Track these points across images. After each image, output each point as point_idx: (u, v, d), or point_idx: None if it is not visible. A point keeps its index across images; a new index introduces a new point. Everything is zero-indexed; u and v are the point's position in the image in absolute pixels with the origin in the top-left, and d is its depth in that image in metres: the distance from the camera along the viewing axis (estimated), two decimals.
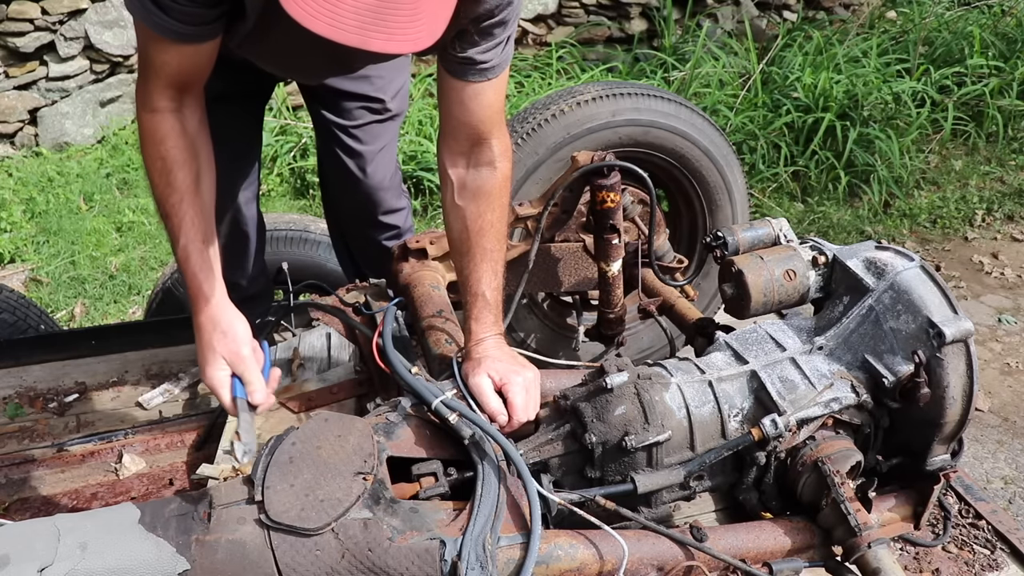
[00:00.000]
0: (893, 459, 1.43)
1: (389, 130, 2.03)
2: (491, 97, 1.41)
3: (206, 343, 1.32)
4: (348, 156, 1.98)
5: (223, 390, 1.30)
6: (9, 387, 2.03)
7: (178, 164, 1.33)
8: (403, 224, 2.20)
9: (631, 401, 1.30)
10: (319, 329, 1.88)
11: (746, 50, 5.30)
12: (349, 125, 1.95)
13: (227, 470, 1.57)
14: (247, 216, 2.01)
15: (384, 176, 2.06)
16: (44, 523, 1.09)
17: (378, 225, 2.14)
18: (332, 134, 1.97)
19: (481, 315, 1.46)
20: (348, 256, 2.27)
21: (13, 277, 3.91)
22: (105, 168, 4.74)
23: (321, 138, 2.04)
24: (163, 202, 1.35)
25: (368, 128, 1.97)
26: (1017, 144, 5.34)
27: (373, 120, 1.97)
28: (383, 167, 2.04)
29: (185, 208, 1.34)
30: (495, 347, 1.43)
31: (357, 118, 1.95)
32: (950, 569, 1.55)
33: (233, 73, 1.61)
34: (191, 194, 1.35)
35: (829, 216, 4.64)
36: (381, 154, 2.02)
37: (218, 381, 1.31)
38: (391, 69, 1.96)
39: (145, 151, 1.35)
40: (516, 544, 1.15)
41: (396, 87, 1.99)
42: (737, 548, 1.29)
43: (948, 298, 1.33)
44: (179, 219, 1.33)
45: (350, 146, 1.97)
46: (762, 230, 1.57)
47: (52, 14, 4.63)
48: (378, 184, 2.05)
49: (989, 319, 3.96)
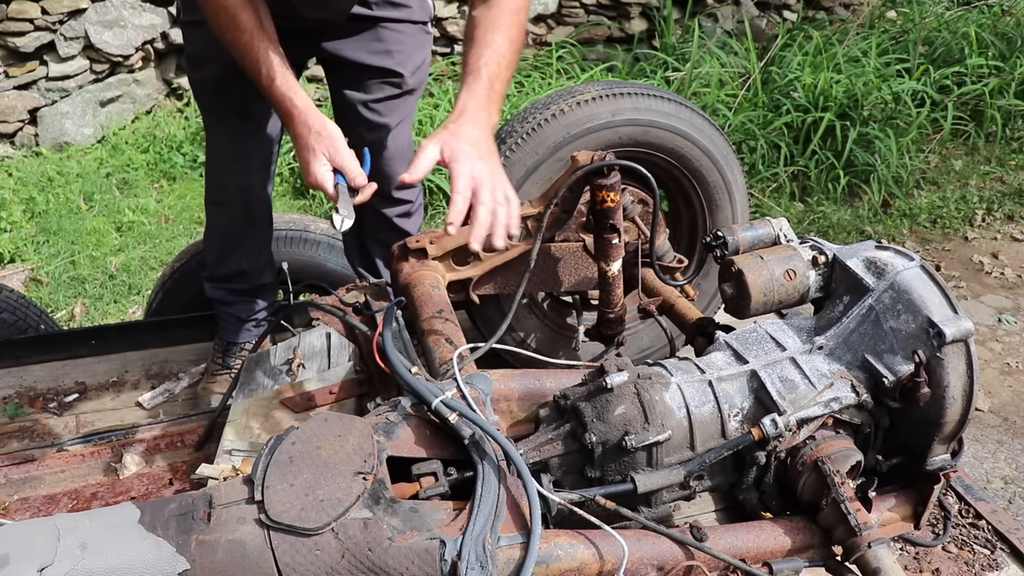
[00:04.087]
0: (893, 459, 1.43)
1: (407, 104, 2.06)
2: None
3: (305, 146, 1.47)
4: (367, 130, 2.01)
5: (328, 183, 1.45)
6: (9, 387, 2.03)
7: (239, 7, 1.48)
8: (415, 200, 2.22)
9: (631, 401, 1.30)
10: (319, 329, 1.88)
11: (746, 50, 5.30)
12: (369, 99, 1.99)
13: (227, 470, 1.57)
14: (258, 199, 2.03)
15: (400, 148, 2.09)
16: (44, 523, 1.09)
17: (391, 200, 2.15)
18: (353, 111, 2.01)
19: (472, 87, 1.44)
20: (356, 239, 2.28)
21: (13, 277, 3.91)
22: (105, 168, 4.74)
23: (342, 119, 2.07)
24: (235, 45, 1.51)
25: (387, 103, 2.01)
26: (1017, 144, 5.34)
27: (391, 95, 2.01)
28: (399, 140, 2.08)
29: (256, 42, 1.49)
30: (470, 124, 1.41)
31: (376, 92, 1.99)
32: (950, 569, 1.55)
33: None
34: (259, 30, 1.50)
35: (829, 216, 4.64)
36: (398, 128, 2.06)
37: (322, 176, 1.45)
38: (411, 43, 1.99)
39: (207, 6, 1.50)
40: (516, 544, 1.15)
41: (416, 63, 2.02)
42: (737, 548, 1.29)
43: (948, 298, 1.33)
44: (255, 53, 1.49)
45: (369, 119, 2.01)
46: (762, 230, 1.57)
47: (52, 14, 4.63)
48: (393, 155, 2.08)
49: (989, 319, 3.96)
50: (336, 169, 1.47)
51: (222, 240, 2.09)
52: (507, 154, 1.93)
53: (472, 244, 1.36)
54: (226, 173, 2.01)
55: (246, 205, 2.02)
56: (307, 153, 1.46)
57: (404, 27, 1.96)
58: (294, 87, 1.50)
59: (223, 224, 2.07)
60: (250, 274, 2.10)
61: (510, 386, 1.41)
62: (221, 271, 2.10)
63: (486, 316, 1.97)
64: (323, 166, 1.46)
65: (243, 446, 1.62)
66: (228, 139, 1.97)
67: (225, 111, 1.91)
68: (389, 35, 1.94)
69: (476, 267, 1.81)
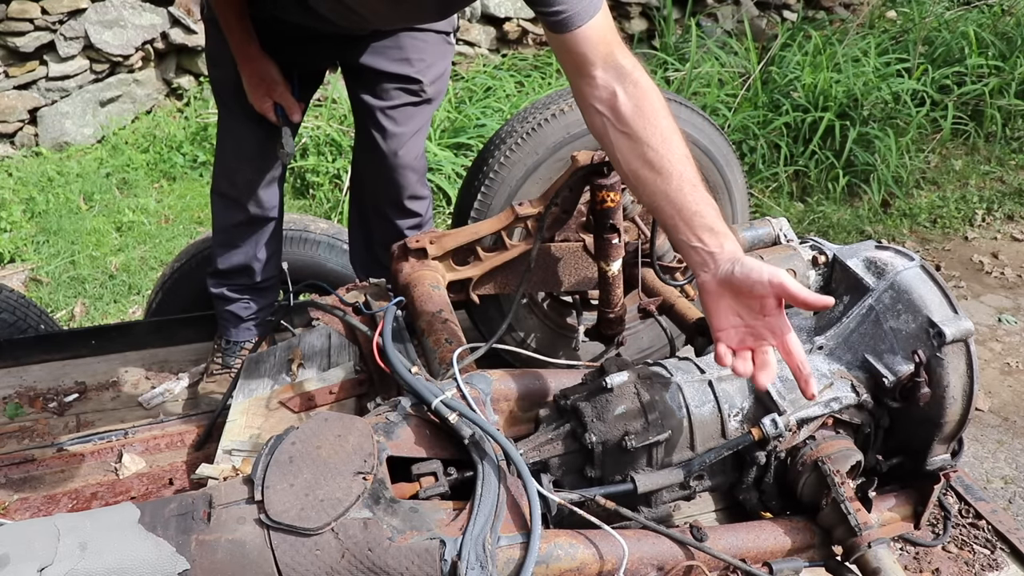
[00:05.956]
0: (893, 459, 1.43)
1: (423, 113, 2.07)
2: (592, 37, 1.35)
3: (252, 85, 1.87)
4: (382, 137, 2.03)
5: (271, 112, 1.89)
6: (9, 387, 2.03)
7: None
8: (424, 214, 2.23)
9: (631, 401, 1.30)
10: (319, 329, 1.88)
11: (746, 50, 5.30)
12: (386, 106, 2.01)
13: (227, 470, 1.57)
14: (265, 200, 2.04)
15: (413, 158, 2.10)
16: (44, 523, 1.09)
17: (402, 210, 2.16)
18: (370, 116, 2.03)
19: (700, 231, 1.23)
20: (364, 246, 2.28)
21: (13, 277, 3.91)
22: (105, 168, 4.74)
23: (359, 124, 2.10)
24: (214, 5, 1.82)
25: (403, 109, 2.02)
26: (1017, 144, 5.34)
27: (409, 102, 2.02)
28: (413, 150, 2.08)
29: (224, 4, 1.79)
30: (735, 245, 1.24)
31: (394, 99, 2.01)
32: (950, 569, 1.55)
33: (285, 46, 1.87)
34: None
35: (829, 216, 4.64)
36: (413, 137, 2.07)
37: (266, 107, 1.89)
38: (433, 52, 2.00)
39: None
40: (516, 544, 1.15)
41: (436, 72, 2.03)
42: (737, 548, 1.29)
43: (948, 298, 1.33)
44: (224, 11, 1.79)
45: (384, 126, 2.02)
46: (762, 230, 1.57)
47: (52, 14, 4.63)
48: (407, 164, 2.09)
49: (989, 319, 3.96)
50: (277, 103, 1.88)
51: (226, 235, 2.09)
52: (507, 154, 1.93)
53: None
54: (236, 168, 2.02)
55: (253, 201, 2.03)
56: (253, 90, 1.87)
57: (426, 36, 1.97)
58: (247, 38, 1.81)
59: (228, 217, 2.07)
60: (253, 271, 2.10)
61: (510, 386, 1.41)
62: (224, 266, 2.10)
63: (486, 316, 1.97)
64: (265, 101, 1.88)
65: (243, 446, 1.62)
66: (241, 134, 1.98)
67: (241, 108, 1.93)
68: (410, 43, 1.95)
69: (476, 267, 1.81)
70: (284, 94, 1.89)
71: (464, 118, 4.78)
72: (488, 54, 5.80)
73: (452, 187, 4.30)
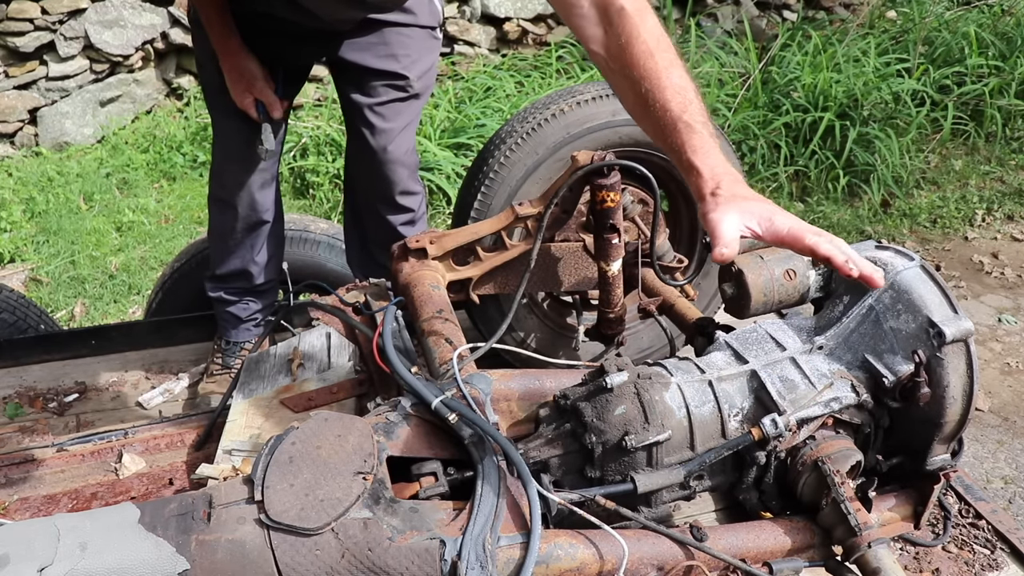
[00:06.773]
0: (893, 459, 1.43)
1: (411, 109, 2.08)
2: None
3: (233, 81, 1.87)
4: (371, 133, 2.04)
5: (251, 109, 1.90)
6: (9, 387, 2.03)
7: None
8: (418, 209, 2.23)
9: (631, 401, 1.30)
10: (319, 329, 1.88)
11: (746, 50, 5.30)
12: (373, 103, 2.02)
13: (227, 470, 1.57)
14: (259, 202, 2.04)
15: (403, 154, 2.10)
16: (44, 523, 1.09)
17: (395, 206, 2.17)
18: (358, 113, 2.03)
19: (697, 145, 1.20)
20: (359, 245, 2.28)
21: (13, 277, 3.91)
22: (105, 168, 4.74)
23: (348, 121, 2.11)
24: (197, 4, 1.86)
25: (391, 106, 2.03)
26: (1017, 144, 5.34)
27: (396, 98, 2.03)
28: (402, 145, 2.09)
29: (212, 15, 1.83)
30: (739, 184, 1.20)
31: (381, 95, 2.01)
32: (950, 569, 1.55)
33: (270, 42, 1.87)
34: None
35: (829, 216, 4.64)
36: (402, 133, 2.08)
37: (247, 103, 1.89)
38: (419, 47, 2.01)
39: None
40: (516, 544, 1.15)
41: (423, 67, 2.04)
42: (737, 548, 1.29)
43: (948, 298, 1.33)
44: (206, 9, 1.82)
45: (373, 123, 2.03)
46: None
47: (52, 14, 4.63)
48: (397, 160, 2.09)
49: (989, 319, 3.96)
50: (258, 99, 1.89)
51: (221, 239, 2.09)
52: (507, 154, 1.93)
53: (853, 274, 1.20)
54: (224, 168, 2.02)
55: (246, 203, 2.03)
56: (235, 87, 1.87)
57: (411, 31, 1.97)
58: (228, 34, 1.84)
59: (223, 223, 2.07)
60: (250, 275, 2.10)
61: (510, 386, 1.41)
62: (221, 270, 2.10)
63: (486, 316, 1.97)
64: (247, 98, 1.89)
65: (243, 446, 1.62)
66: (233, 139, 1.98)
67: (225, 106, 1.93)
68: (396, 39, 1.96)
69: (476, 267, 1.81)
70: (264, 90, 1.89)
71: (464, 118, 4.78)
72: (488, 54, 5.80)
73: (452, 187, 4.30)
